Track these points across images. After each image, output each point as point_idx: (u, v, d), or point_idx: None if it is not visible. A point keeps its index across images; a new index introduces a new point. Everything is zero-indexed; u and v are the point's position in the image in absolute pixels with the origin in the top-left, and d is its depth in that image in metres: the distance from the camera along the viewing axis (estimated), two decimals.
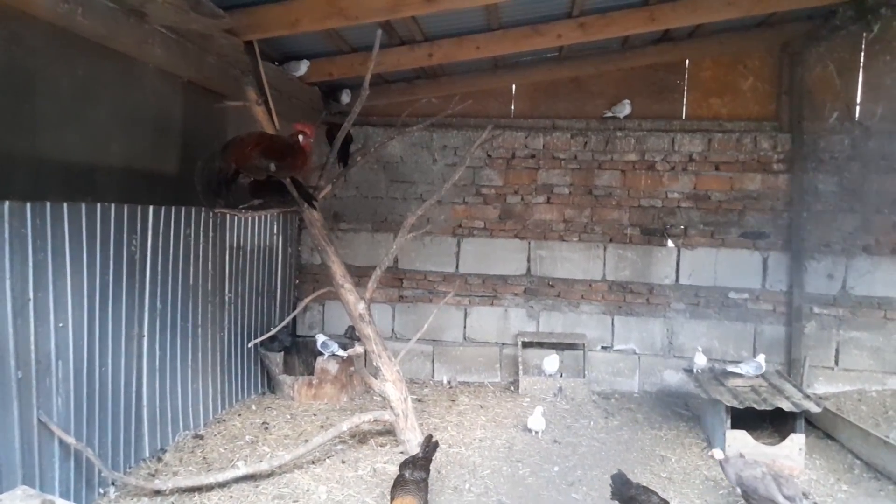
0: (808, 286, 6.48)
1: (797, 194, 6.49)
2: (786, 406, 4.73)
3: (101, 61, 4.09)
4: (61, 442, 3.57)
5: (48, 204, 3.46)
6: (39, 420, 3.43)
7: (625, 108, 6.70)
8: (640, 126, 6.82)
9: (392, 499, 3.56)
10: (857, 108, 6.45)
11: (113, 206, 3.98)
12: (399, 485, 3.64)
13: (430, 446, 4.10)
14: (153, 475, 4.30)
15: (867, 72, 6.39)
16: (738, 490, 3.95)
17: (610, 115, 6.77)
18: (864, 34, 6.32)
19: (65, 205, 3.58)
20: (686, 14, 5.40)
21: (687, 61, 6.77)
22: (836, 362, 6.46)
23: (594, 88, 6.90)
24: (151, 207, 4.40)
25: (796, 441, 4.76)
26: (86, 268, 3.77)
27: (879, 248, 6.36)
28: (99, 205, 3.86)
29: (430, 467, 3.95)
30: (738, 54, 6.66)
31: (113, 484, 4.02)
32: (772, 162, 6.60)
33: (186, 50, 4.48)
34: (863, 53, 6.40)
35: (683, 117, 6.81)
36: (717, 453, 4.15)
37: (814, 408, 4.74)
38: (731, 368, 5.46)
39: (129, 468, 4.29)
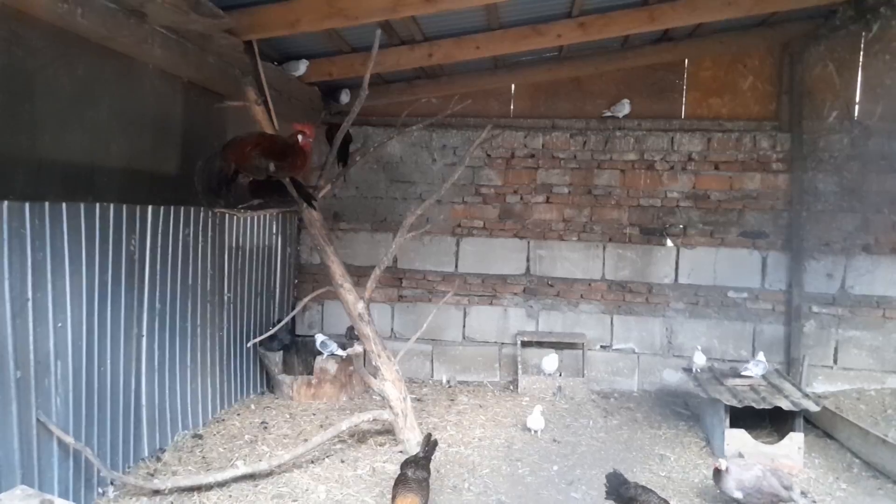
0: (807, 285, 6.48)
1: (797, 194, 6.49)
2: (785, 405, 4.74)
3: (100, 61, 4.09)
4: (60, 441, 3.57)
5: (46, 204, 3.46)
6: (38, 420, 3.43)
7: (624, 108, 6.70)
8: (639, 126, 6.82)
9: (394, 496, 3.56)
10: (857, 107, 6.45)
11: (112, 205, 3.98)
12: (401, 483, 3.64)
13: (429, 445, 4.10)
14: (152, 475, 4.30)
15: (867, 71, 6.39)
16: (739, 495, 3.90)
17: (609, 114, 6.76)
18: (864, 34, 6.33)
19: (63, 205, 3.58)
20: (686, 14, 5.40)
21: (686, 61, 6.77)
22: (835, 361, 6.46)
23: (594, 88, 6.90)
24: (150, 207, 4.40)
25: (795, 440, 4.77)
26: (85, 268, 3.77)
27: (879, 248, 6.36)
28: (98, 205, 3.86)
29: (431, 467, 3.96)
30: (738, 54, 6.66)
31: (112, 483, 4.02)
32: (771, 161, 6.60)
33: (186, 50, 4.48)
34: (862, 53, 6.40)
35: (683, 117, 6.81)
36: (722, 463, 3.99)
37: (813, 407, 4.75)
38: (742, 372, 5.44)
39: (128, 468, 4.29)
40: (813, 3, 5.42)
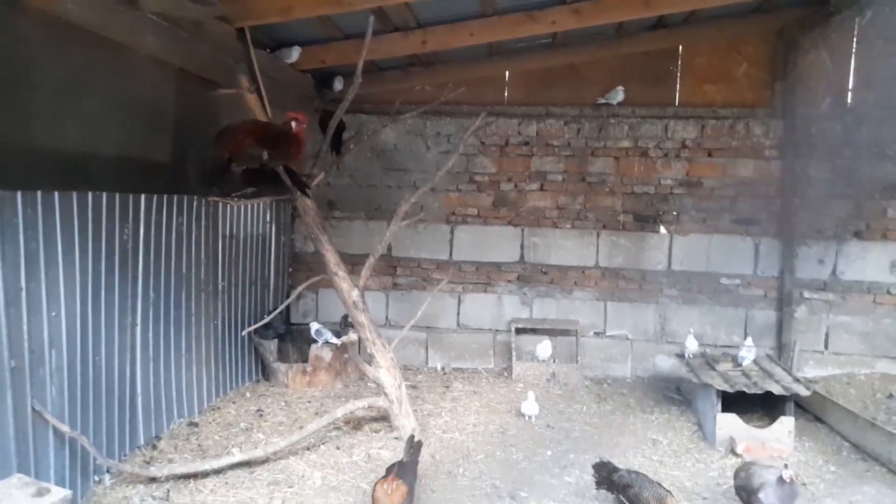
0: (799, 271, 6.53)
1: (789, 180, 6.52)
2: (776, 390, 4.79)
3: (93, 49, 4.05)
4: (56, 430, 3.58)
5: (38, 193, 3.44)
6: (34, 409, 3.44)
7: (618, 95, 6.68)
8: (633, 113, 6.81)
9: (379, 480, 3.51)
10: (850, 94, 6.46)
11: (104, 194, 3.97)
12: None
13: (413, 448, 3.95)
14: (148, 462, 4.32)
15: (860, 58, 6.39)
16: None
17: (603, 101, 6.75)
18: (858, 20, 6.32)
19: (56, 194, 3.56)
20: (680, 0, 5.38)
21: (681, 48, 6.75)
22: (826, 346, 6.52)
23: (588, 75, 6.88)
24: (143, 196, 4.39)
25: (786, 424, 4.82)
26: (78, 257, 3.76)
27: (870, 234, 6.41)
28: (90, 193, 3.84)
29: (418, 470, 3.83)
30: (732, 41, 6.65)
31: (108, 471, 4.04)
32: (764, 148, 6.62)
33: (178, 37, 4.44)
34: (856, 39, 6.40)
35: (677, 104, 6.80)
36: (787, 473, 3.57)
37: (803, 391, 4.80)
38: (741, 362, 5.50)
39: (124, 456, 4.31)
40: None
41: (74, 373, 3.76)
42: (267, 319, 5.43)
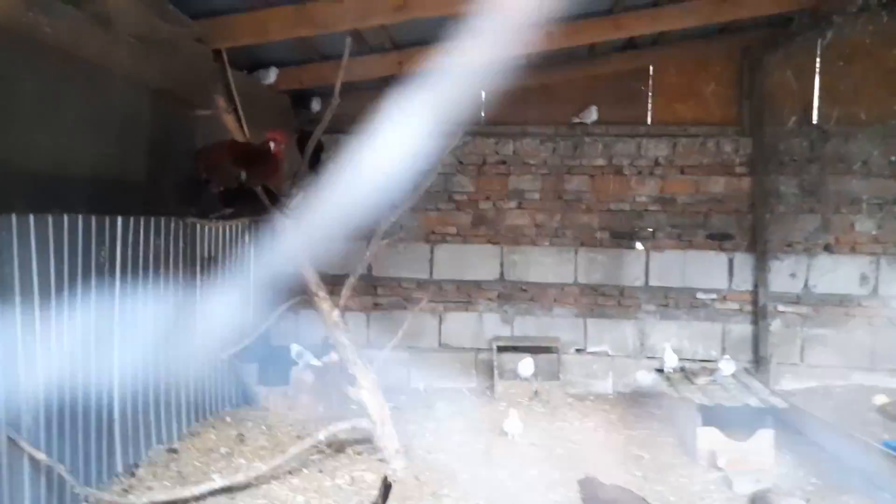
0: (772, 285, 6.66)
1: (759, 196, 6.67)
2: (754, 402, 4.85)
3: (67, 70, 4.01)
4: (31, 458, 3.48)
5: (13, 217, 3.38)
6: (8, 437, 3.34)
7: (592, 114, 6.80)
8: (607, 131, 6.93)
9: None
10: (815, 111, 6.68)
11: (80, 217, 3.91)
12: None
13: (385, 488, 3.85)
14: (127, 490, 4.20)
15: (823, 76, 6.63)
16: None
17: (578, 121, 6.87)
18: (820, 40, 6.56)
19: (31, 217, 3.50)
20: (649, 22, 5.54)
21: (651, 68, 6.92)
22: (802, 359, 6.64)
23: (562, 95, 6.99)
24: (120, 218, 4.33)
25: (766, 437, 4.87)
26: (54, 281, 3.69)
27: (839, 247, 6.58)
28: (66, 216, 3.78)
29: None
30: (701, 60, 6.84)
31: (86, 500, 3.92)
32: (734, 165, 6.78)
33: (154, 59, 4.43)
34: (818, 59, 6.63)
35: (649, 122, 6.96)
36: None
37: (780, 404, 4.87)
38: (717, 372, 5.63)
39: (102, 484, 4.18)
40: (770, 11, 5.60)
41: (50, 399, 3.67)
42: (247, 342, 5.37)
